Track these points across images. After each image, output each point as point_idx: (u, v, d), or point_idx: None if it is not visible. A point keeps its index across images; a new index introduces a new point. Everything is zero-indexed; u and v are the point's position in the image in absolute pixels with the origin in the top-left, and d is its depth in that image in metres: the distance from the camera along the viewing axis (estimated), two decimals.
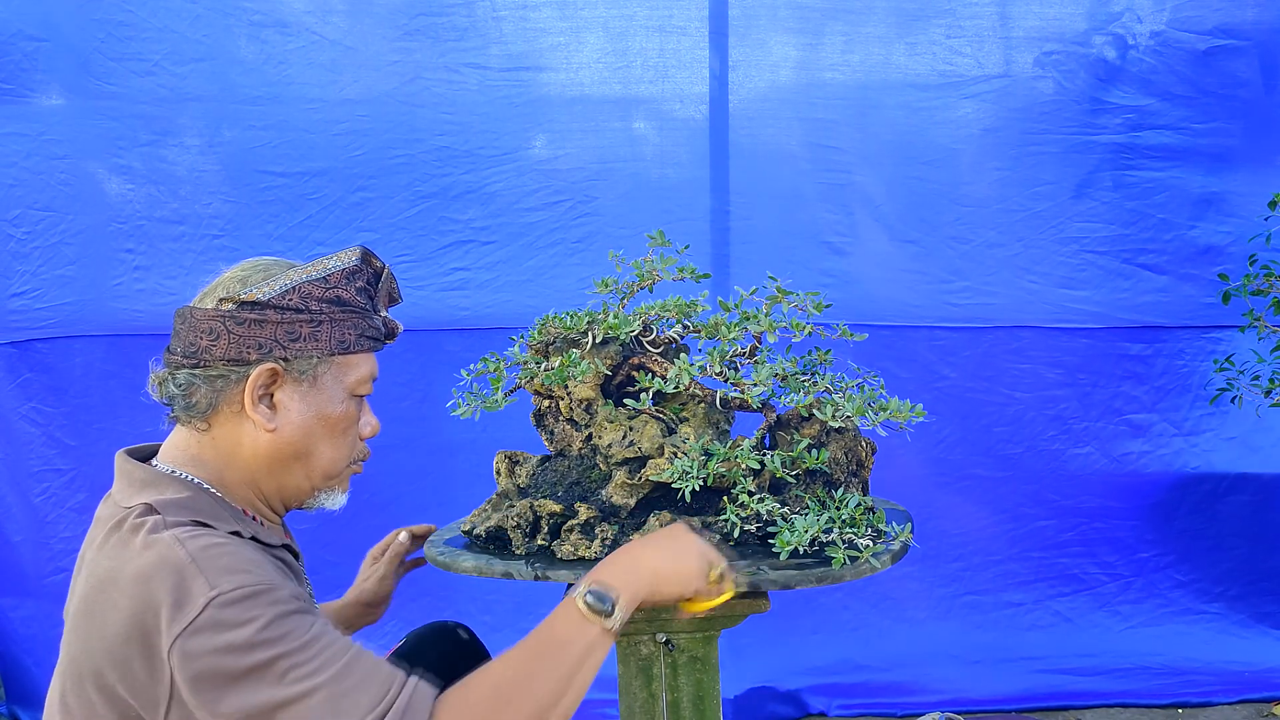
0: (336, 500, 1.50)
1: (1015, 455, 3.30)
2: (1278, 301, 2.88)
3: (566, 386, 1.79)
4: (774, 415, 1.79)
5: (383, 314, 1.50)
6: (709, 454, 1.67)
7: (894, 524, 1.72)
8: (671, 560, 1.37)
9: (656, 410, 1.77)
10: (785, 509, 1.67)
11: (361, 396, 1.47)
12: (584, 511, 1.70)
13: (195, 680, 1.15)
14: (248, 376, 1.36)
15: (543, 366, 1.78)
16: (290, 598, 1.21)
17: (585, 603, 1.27)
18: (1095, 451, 3.30)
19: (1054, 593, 3.34)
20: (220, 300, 1.37)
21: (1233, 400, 3.05)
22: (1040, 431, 3.30)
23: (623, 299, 1.85)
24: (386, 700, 1.15)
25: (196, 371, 1.36)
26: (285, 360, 1.37)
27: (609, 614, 1.27)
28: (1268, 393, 2.93)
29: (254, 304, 1.36)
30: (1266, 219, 2.92)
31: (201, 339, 1.36)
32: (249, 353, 1.36)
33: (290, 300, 1.37)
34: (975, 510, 3.31)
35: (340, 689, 1.14)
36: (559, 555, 1.68)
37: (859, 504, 1.68)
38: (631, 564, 1.35)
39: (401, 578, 1.96)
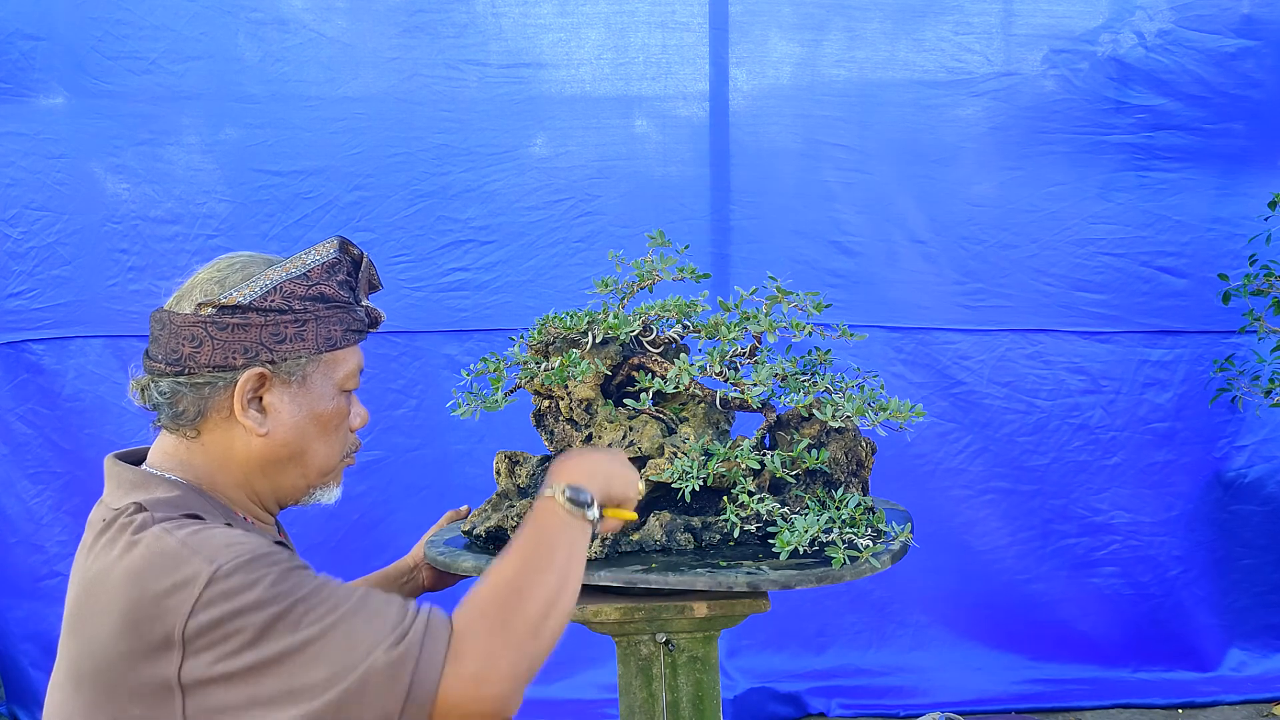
0: (332, 494, 1.49)
1: (1041, 467, 3.26)
2: (1278, 301, 2.86)
3: (566, 386, 1.78)
4: (774, 415, 1.78)
5: (365, 303, 1.48)
6: (709, 454, 1.66)
7: (894, 524, 1.72)
8: (619, 465, 1.45)
9: (656, 410, 1.77)
10: (785, 509, 1.66)
11: (350, 390, 1.45)
12: None
13: (210, 649, 1.15)
14: (235, 382, 1.33)
15: (543, 366, 1.77)
16: (289, 558, 1.21)
17: (566, 499, 1.32)
18: (1124, 462, 3.25)
19: (1069, 605, 3.31)
20: (199, 305, 1.33)
21: (1233, 400, 3.03)
22: (1066, 441, 3.25)
23: (623, 299, 1.84)
24: (405, 623, 1.17)
25: (181, 379, 1.33)
26: (273, 363, 1.34)
27: (589, 505, 1.33)
28: (1267, 393, 2.91)
29: (235, 308, 1.32)
30: (1266, 219, 2.90)
31: (183, 346, 1.32)
32: (234, 358, 1.32)
33: (273, 301, 1.34)
34: (987, 517, 3.28)
35: (355, 622, 1.16)
36: None
37: (859, 504, 1.67)
38: (589, 464, 1.40)
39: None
